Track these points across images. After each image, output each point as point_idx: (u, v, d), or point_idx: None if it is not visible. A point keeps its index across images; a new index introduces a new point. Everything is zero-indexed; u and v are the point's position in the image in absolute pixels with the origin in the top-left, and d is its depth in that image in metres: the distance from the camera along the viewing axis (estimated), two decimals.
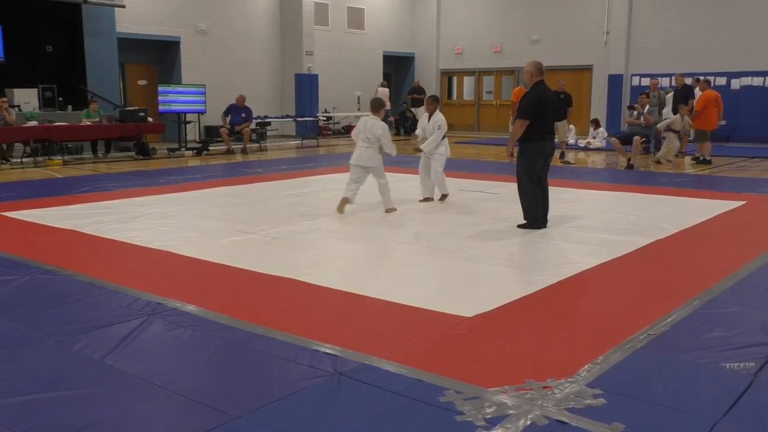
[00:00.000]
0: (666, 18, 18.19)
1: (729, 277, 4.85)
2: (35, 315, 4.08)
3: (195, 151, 14.59)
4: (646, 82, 17.30)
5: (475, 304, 4.22)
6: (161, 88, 14.97)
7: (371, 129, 7.30)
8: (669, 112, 14.49)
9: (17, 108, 12.99)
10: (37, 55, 14.80)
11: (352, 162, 7.46)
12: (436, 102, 8.16)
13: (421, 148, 8.02)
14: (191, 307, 4.18)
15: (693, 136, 13.10)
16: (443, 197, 8.21)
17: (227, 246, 5.94)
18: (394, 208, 7.50)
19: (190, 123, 15.71)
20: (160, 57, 17.36)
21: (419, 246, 5.96)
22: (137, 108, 14.29)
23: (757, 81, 17.02)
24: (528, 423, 2.72)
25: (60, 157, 12.54)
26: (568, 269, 5.09)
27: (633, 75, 18.86)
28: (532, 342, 3.64)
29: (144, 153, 13.54)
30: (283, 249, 5.85)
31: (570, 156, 13.45)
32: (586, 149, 15.83)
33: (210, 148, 15.00)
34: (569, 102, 13.29)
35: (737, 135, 17.01)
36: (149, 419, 2.82)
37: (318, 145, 17.13)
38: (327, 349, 3.48)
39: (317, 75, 19.56)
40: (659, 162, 12.41)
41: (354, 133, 7.58)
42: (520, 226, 6.59)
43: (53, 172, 11.26)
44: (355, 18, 21.15)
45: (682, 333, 3.75)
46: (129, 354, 3.47)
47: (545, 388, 3.03)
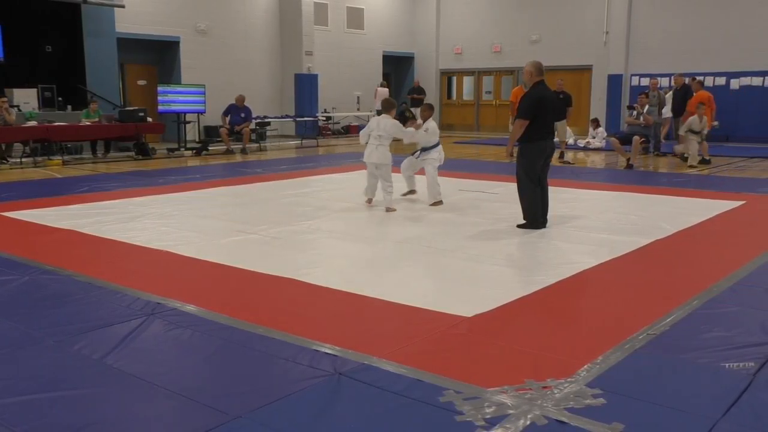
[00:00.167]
0: (665, 18, 18.20)
1: (728, 277, 4.86)
2: (35, 315, 4.08)
3: (194, 151, 14.59)
4: (645, 82, 17.30)
5: (475, 304, 4.22)
6: (161, 88, 14.97)
7: (383, 127, 7.56)
8: (668, 112, 14.51)
9: (17, 108, 12.99)
10: (37, 55, 14.79)
11: (364, 159, 7.74)
12: (430, 110, 8.35)
13: (412, 138, 8.08)
14: (191, 307, 4.19)
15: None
16: (435, 204, 7.85)
17: (227, 246, 5.94)
18: (394, 208, 7.54)
19: (189, 123, 15.71)
20: (159, 57, 17.37)
21: (419, 246, 5.96)
22: (137, 108, 14.29)
23: (757, 81, 17.03)
24: (528, 423, 2.72)
25: (59, 157, 12.53)
26: (567, 269, 5.09)
27: (632, 75, 18.87)
28: (531, 342, 3.65)
29: (143, 153, 13.54)
30: (283, 249, 5.85)
31: (569, 156, 13.44)
32: (585, 149, 15.84)
33: (209, 148, 14.99)
34: (569, 102, 13.29)
35: (737, 135, 17.02)
36: (149, 419, 2.82)
37: (317, 145, 17.12)
38: (327, 349, 3.48)
39: (317, 75, 19.56)
40: (693, 166, 11.97)
41: (364, 133, 7.84)
42: (519, 226, 6.60)
43: (53, 172, 11.26)
44: (355, 18, 21.15)
45: (681, 333, 3.75)
46: (129, 354, 3.47)
47: (545, 388, 3.03)
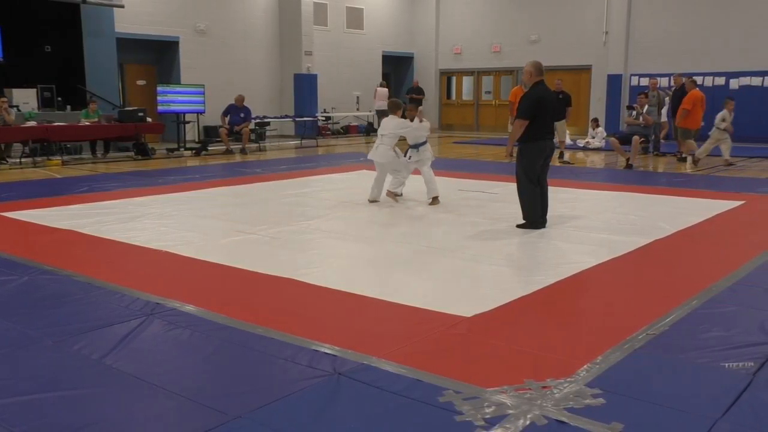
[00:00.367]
0: (665, 18, 18.20)
1: (728, 277, 4.85)
2: (34, 315, 4.08)
3: (194, 152, 14.58)
4: (645, 82, 17.30)
5: (475, 304, 4.22)
6: (160, 88, 14.97)
7: (387, 127, 7.91)
8: (668, 112, 14.51)
9: (16, 108, 12.98)
10: (36, 56, 14.79)
11: (368, 157, 8.16)
12: (418, 106, 8.80)
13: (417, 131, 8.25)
14: (190, 307, 4.18)
15: (680, 134, 13.12)
16: (434, 200, 7.94)
17: (226, 246, 5.94)
18: (397, 194, 8.03)
19: (189, 123, 15.72)
20: (159, 57, 17.36)
21: (418, 246, 5.96)
22: (136, 108, 14.28)
23: (756, 81, 17.03)
24: (527, 423, 2.72)
25: (59, 158, 12.53)
26: (567, 269, 5.09)
27: (632, 75, 18.87)
28: (531, 342, 3.64)
29: (143, 153, 13.53)
30: (282, 249, 5.85)
31: (567, 155, 13.44)
32: (585, 149, 15.84)
33: (209, 148, 15.00)
34: (568, 102, 13.30)
35: (736, 135, 16.77)
36: (149, 419, 2.82)
37: (317, 145, 17.12)
38: (326, 349, 3.48)
39: (316, 75, 19.56)
40: (731, 164, 11.91)
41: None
42: (519, 226, 6.60)
43: (52, 172, 11.25)
44: (355, 18, 21.15)
45: (681, 333, 3.75)
46: (128, 354, 3.47)
47: (544, 387, 3.03)
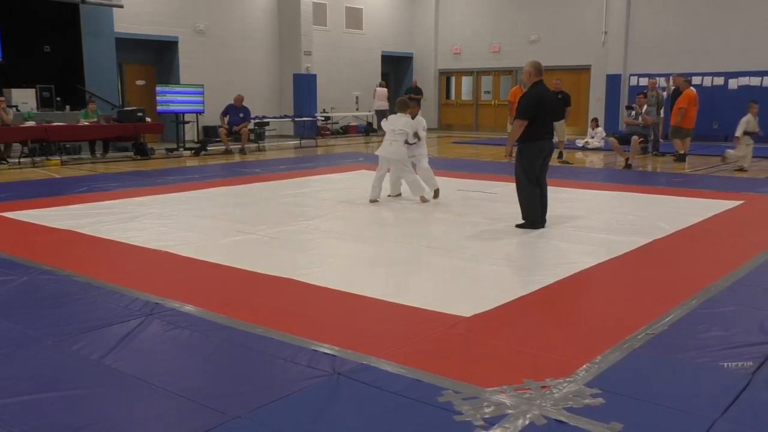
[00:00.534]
0: (664, 18, 18.21)
1: (727, 277, 4.86)
2: (33, 315, 4.07)
3: (193, 152, 14.58)
4: (644, 82, 17.29)
5: (474, 303, 4.22)
6: (159, 88, 14.97)
7: (397, 124, 7.94)
8: (664, 111, 14.54)
9: (15, 108, 12.98)
10: (35, 55, 14.78)
11: (378, 153, 8.09)
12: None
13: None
14: (189, 308, 4.18)
15: (671, 133, 13.16)
16: (436, 193, 8.24)
17: (226, 246, 5.94)
18: (426, 199, 8.02)
19: (188, 123, 15.72)
20: (158, 57, 17.36)
21: (418, 246, 5.96)
22: (135, 108, 14.28)
23: (755, 81, 17.03)
24: (526, 423, 2.72)
25: (58, 158, 12.53)
26: (566, 269, 5.09)
27: (631, 75, 18.87)
28: (530, 342, 3.65)
29: (142, 153, 13.53)
30: (282, 249, 5.85)
31: (566, 155, 13.42)
32: (584, 149, 15.85)
33: (208, 148, 14.99)
34: (568, 102, 13.29)
35: (734, 135, 16.99)
36: (148, 419, 2.82)
37: (316, 145, 17.11)
38: (325, 349, 3.48)
39: (315, 75, 19.55)
40: (743, 169, 11.64)
41: (385, 127, 8.18)
42: (518, 225, 6.60)
43: (51, 172, 11.25)
44: (354, 18, 21.15)
45: (680, 332, 3.75)
46: (127, 354, 3.47)
47: (544, 387, 3.03)
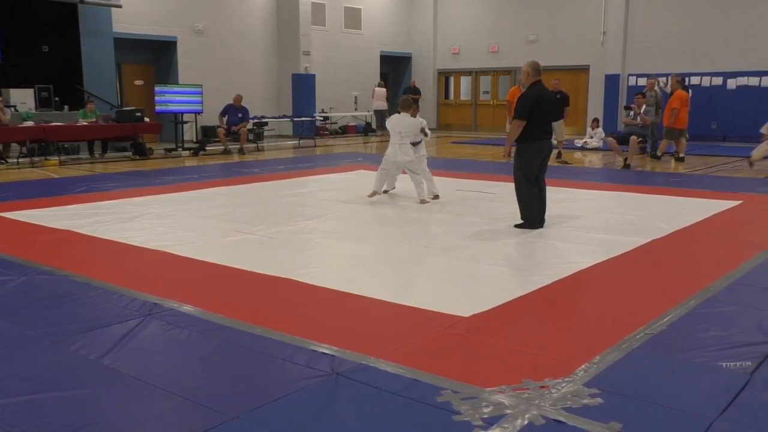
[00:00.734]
0: (662, 18, 18.22)
1: (726, 277, 4.86)
2: (32, 315, 4.07)
3: (192, 152, 14.57)
4: (642, 82, 17.31)
5: (473, 303, 4.22)
6: (158, 88, 14.95)
7: (401, 124, 7.88)
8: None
9: (13, 108, 12.97)
10: (34, 55, 14.77)
11: (388, 160, 8.00)
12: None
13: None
14: (188, 308, 4.18)
15: (664, 134, 13.19)
16: (435, 197, 8.19)
17: (225, 246, 5.94)
18: (427, 200, 7.97)
19: (187, 123, 15.70)
20: (156, 57, 17.35)
21: (417, 246, 5.96)
22: (134, 108, 14.26)
23: (753, 81, 17.06)
24: (525, 423, 2.72)
25: (56, 158, 12.52)
26: (565, 269, 5.09)
27: (630, 75, 18.88)
28: (529, 342, 3.65)
29: (141, 153, 13.52)
30: (281, 249, 5.85)
31: (564, 155, 13.43)
32: (583, 149, 15.85)
33: (207, 148, 14.99)
34: (566, 102, 13.30)
35: (733, 135, 17.06)
36: (148, 419, 2.82)
37: (315, 146, 17.11)
38: (324, 349, 3.48)
39: (314, 75, 19.55)
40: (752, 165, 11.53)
41: (389, 128, 8.12)
42: (517, 226, 6.60)
43: (50, 172, 11.24)
44: (353, 18, 21.14)
45: (679, 332, 3.76)
46: (126, 354, 3.47)
47: (542, 387, 3.03)
